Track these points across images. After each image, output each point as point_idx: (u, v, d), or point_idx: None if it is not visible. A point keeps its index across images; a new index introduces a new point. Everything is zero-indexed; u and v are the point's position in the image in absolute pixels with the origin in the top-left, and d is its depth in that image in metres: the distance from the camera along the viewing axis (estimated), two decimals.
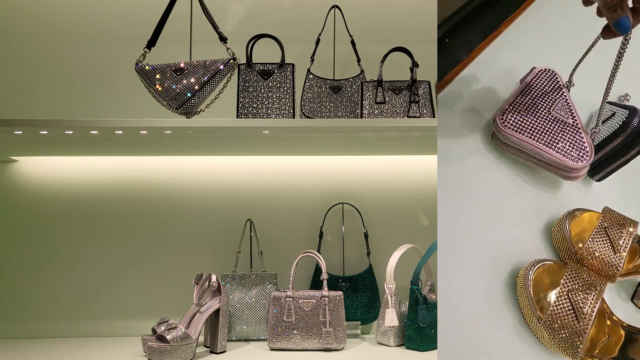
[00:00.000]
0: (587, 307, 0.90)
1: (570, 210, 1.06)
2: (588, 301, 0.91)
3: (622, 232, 1.02)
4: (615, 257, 1.00)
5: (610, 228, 1.03)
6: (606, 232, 1.02)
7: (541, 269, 0.97)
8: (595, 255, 1.00)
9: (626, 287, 1.08)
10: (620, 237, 1.01)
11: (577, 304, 0.91)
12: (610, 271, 0.99)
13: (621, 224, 1.03)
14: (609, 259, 1.00)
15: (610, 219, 1.04)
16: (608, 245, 1.01)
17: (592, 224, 1.04)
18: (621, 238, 1.01)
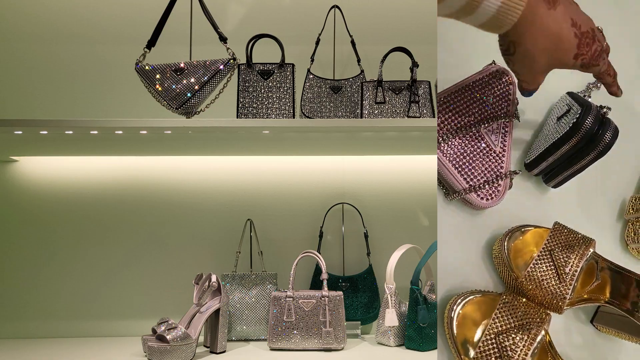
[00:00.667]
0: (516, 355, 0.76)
1: (513, 228, 0.90)
2: (518, 347, 0.77)
3: (571, 256, 0.85)
4: (561, 287, 0.83)
5: (557, 251, 0.86)
6: (551, 256, 0.86)
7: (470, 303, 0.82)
8: (539, 284, 0.84)
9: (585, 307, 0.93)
10: (567, 262, 0.84)
11: (505, 350, 0.77)
12: (555, 302, 0.84)
13: (570, 246, 0.86)
14: (554, 289, 0.84)
15: (558, 238, 0.88)
16: (552, 272, 0.85)
17: (538, 245, 0.88)
18: (568, 264, 0.84)
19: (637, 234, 0.98)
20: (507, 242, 0.87)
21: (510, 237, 0.89)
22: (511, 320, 0.80)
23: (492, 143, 0.89)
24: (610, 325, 0.91)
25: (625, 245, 1.00)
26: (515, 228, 0.90)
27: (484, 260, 0.90)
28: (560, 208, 0.97)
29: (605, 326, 0.91)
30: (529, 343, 0.77)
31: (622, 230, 1.00)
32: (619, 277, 0.86)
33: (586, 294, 0.87)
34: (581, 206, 1.00)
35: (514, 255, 0.87)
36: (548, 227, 0.90)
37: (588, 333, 0.93)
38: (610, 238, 0.99)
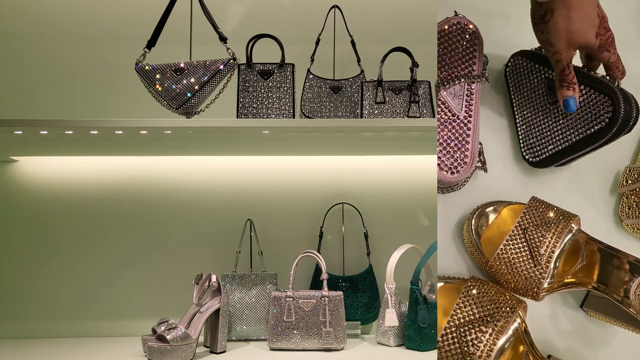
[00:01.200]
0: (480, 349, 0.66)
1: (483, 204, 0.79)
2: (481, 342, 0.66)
3: (546, 235, 0.74)
4: (536, 271, 0.73)
5: (531, 229, 0.75)
6: (524, 235, 0.75)
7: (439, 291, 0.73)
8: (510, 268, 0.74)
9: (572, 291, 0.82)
10: (542, 242, 0.73)
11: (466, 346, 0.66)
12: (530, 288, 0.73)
13: (547, 223, 0.75)
14: (527, 273, 0.73)
15: (534, 214, 0.76)
16: (526, 253, 0.74)
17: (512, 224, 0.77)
18: (543, 244, 0.73)
19: (632, 208, 0.87)
20: (475, 220, 0.77)
21: (480, 214, 0.78)
22: (475, 310, 0.69)
23: (454, 108, 0.78)
24: (602, 310, 0.80)
25: (619, 221, 0.90)
26: (485, 204, 0.80)
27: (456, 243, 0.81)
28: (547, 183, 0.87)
29: (596, 311, 0.81)
30: (494, 337, 0.67)
31: (616, 205, 0.90)
32: (608, 258, 0.75)
33: (570, 277, 0.76)
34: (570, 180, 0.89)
35: (486, 236, 0.77)
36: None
37: (578, 318, 0.83)
38: (603, 214, 0.90)
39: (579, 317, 0.84)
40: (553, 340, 0.80)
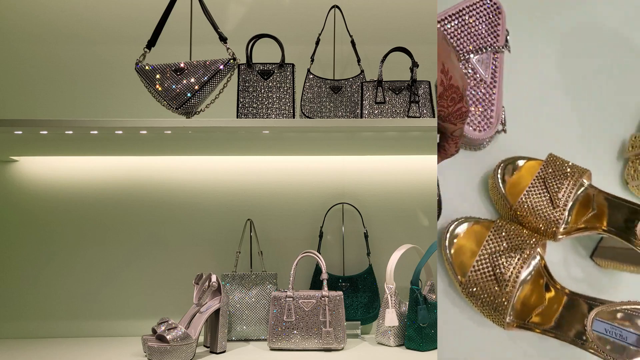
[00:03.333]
0: (509, 272, 0.79)
1: (506, 159, 0.91)
2: (511, 265, 0.79)
3: (564, 183, 0.86)
4: (555, 212, 0.85)
5: (550, 179, 0.87)
6: (544, 184, 0.87)
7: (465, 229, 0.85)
8: (532, 211, 0.86)
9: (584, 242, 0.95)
10: (560, 189, 0.86)
11: (498, 269, 0.79)
12: (549, 229, 0.85)
13: (564, 174, 0.87)
14: (547, 215, 0.85)
15: (552, 167, 0.88)
16: (546, 198, 0.86)
17: (532, 175, 0.89)
18: (561, 190, 0.85)
19: (637, 171, 0.98)
20: (500, 172, 0.89)
21: (504, 167, 0.90)
22: (504, 242, 0.82)
23: (482, 74, 0.89)
24: (611, 258, 0.91)
25: (625, 184, 1.00)
26: (508, 160, 0.91)
27: (481, 195, 0.92)
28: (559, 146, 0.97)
29: (605, 260, 0.92)
30: (521, 262, 0.79)
31: (623, 170, 1.01)
32: (615, 206, 0.87)
33: (582, 224, 0.87)
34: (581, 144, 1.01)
35: (509, 185, 0.88)
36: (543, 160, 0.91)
37: (587, 267, 0.94)
38: (610, 177, 1.00)
39: (588, 266, 0.94)
40: (566, 285, 0.88)
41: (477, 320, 0.92)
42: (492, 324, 0.88)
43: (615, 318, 0.77)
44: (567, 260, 0.92)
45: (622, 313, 0.77)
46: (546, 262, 0.84)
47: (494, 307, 0.80)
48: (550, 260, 0.89)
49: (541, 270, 0.84)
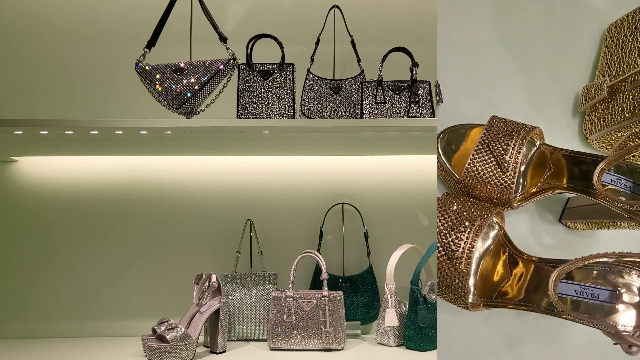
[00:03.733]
0: (460, 248, 0.72)
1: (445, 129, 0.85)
2: (462, 240, 0.72)
3: (509, 143, 0.79)
4: (505, 177, 0.78)
5: (494, 142, 0.80)
6: (489, 148, 0.80)
7: None
8: (480, 179, 0.79)
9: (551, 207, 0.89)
10: (506, 150, 0.79)
11: (448, 246, 0.73)
12: (502, 195, 0.78)
13: (508, 135, 0.80)
14: (497, 181, 0.78)
15: (496, 130, 0.81)
16: (493, 163, 0.79)
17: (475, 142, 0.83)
18: (508, 152, 0.78)
19: (594, 123, 0.93)
20: (441, 145, 0.83)
21: (444, 138, 0.83)
22: (453, 217, 0.75)
23: None
24: (580, 217, 0.86)
25: (585, 139, 0.95)
26: (447, 129, 0.85)
27: None
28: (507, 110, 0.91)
29: (575, 221, 0.87)
30: (473, 235, 0.72)
31: (580, 125, 0.96)
32: (573, 161, 0.82)
33: (541, 185, 0.81)
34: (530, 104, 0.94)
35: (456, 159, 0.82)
36: None
37: (558, 232, 0.88)
38: (568, 134, 0.95)
39: (558, 231, 0.88)
40: (537, 254, 0.83)
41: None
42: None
43: (587, 277, 0.71)
44: (536, 228, 0.87)
45: (588, 270, 0.71)
46: (506, 231, 0.78)
47: (452, 289, 0.74)
48: (518, 231, 0.84)
49: (502, 241, 0.77)
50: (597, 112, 0.93)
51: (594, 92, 0.93)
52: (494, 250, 0.77)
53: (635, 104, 0.86)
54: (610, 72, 0.96)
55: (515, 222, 0.83)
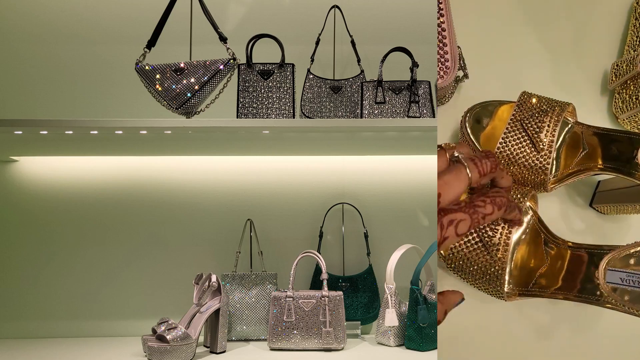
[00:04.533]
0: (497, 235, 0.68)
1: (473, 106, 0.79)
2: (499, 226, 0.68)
3: (544, 120, 0.73)
4: (540, 158, 0.73)
5: (528, 119, 0.74)
6: (522, 126, 0.74)
7: None
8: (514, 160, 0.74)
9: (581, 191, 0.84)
10: (541, 128, 0.73)
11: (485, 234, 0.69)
12: (537, 177, 0.74)
13: (543, 111, 0.74)
14: (532, 162, 0.73)
15: (527, 106, 0.76)
16: (527, 143, 0.74)
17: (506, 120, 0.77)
18: (543, 129, 0.73)
19: (625, 102, 0.87)
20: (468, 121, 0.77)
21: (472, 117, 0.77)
22: None
23: None
24: (612, 200, 0.81)
25: (614, 119, 0.90)
26: (475, 107, 0.79)
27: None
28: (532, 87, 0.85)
29: (606, 205, 0.82)
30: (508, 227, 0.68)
31: (609, 103, 0.91)
32: (608, 139, 0.76)
33: (575, 167, 0.76)
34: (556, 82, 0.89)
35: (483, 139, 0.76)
36: None
37: (589, 217, 0.84)
38: (596, 113, 0.90)
39: (589, 215, 0.84)
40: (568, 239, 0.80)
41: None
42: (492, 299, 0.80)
43: (629, 264, 0.67)
44: (566, 213, 0.83)
45: (635, 257, 0.67)
46: (540, 216, 0.74)
47: (488, 278, 0.70)
48: (547, 216, 0.80)
49: (536, 226, 0.73)
50: (629, 89, 0.87)
51: (625, 67, 0.87)
52: (529, 237, 0.72)
53: None
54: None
55: (546, 206, 0.80)
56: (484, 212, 0.58)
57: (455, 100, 0.85)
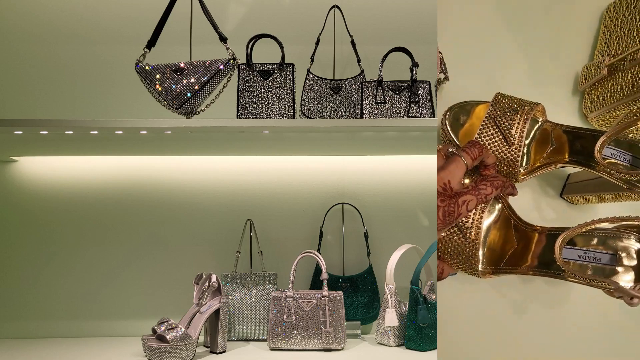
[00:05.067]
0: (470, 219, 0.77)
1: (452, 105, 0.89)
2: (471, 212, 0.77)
3: (515, 118, 0.83)
4: (511, 151, 0.82)
5: (500, 117, 0.84)
6: (495, 123, 0.84)
7: None
8: None
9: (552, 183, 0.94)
10: (512, 125, 0.82)
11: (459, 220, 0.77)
12: (508, 168, 0.83)
13: (513, 110, 0.84)
14: (504, 154, 0.83)
15: (501, 105, 0.85)
16: (499, 138, 0.83)
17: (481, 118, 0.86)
18: (514, 126, 0.82)
19: (593, 102, 0.96)
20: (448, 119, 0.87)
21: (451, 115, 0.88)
22: None
23: None
24: (580, 192, 0.91)
25: (584, 118, 0.99)
26: (454, 106, 0.89)
27: None
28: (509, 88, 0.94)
29: (575, 195, 0.92)
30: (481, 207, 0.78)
31: (580, 103, 1.00)
32: (574, 136, 0.86)
33: (544, 160, 0.86)
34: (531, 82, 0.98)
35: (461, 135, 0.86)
36: None
37: (559, 206, 0.93)
38: (568, 112, 0.99)
39: (560, 205, 0.94)
40: None
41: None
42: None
43: (588, 244, 0.78)
44: (539, 203, 0.92)
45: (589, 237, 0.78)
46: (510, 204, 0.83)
47: (463, 258, 0.78)
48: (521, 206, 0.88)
49: (507, 212, 0.82)
50: (597, 90, 0.96)
51: (593, 71, 0.96)
52: (500, 222, 0.82)
53: (634, 82, 0.88)
54: (610, 51, 0.98)
55: (519, 197, 0.88)
56: (486, 192, 0.75)
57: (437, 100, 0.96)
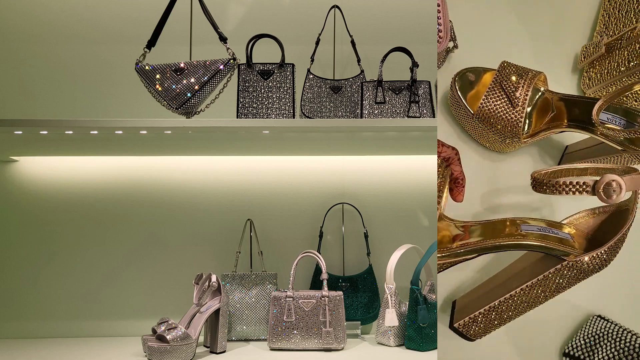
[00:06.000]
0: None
1: (461, 70, 0.95)
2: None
3: (519, 82, 0.90)
4: (515, 112, 0.89)
5: (506, 81, 0.91)
6: (501, 86, 0.91)
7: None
8: (493, 113, 0.89)
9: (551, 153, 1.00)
10: (517, 88, 0.89)
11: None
12: (511, 130, 0.89)
13: (519, 74, 0.91)
14: (508, 115, 0.89)
15: (507, 72, 0.92)
16: (504, 100, 0.89)
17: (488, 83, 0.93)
18: (518, 89, 0.89)
19: (591, 79, 1.04)
20: (457, 82, 0.93)
21: (460, 79, 0.94)
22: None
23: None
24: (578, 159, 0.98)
25: (583, 94, 1.05)
26: (463, 70, 0.94)
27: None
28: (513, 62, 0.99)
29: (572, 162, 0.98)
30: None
31: (579, 81, 1.07)
32: (572, 103, 0.93)
33: (545, 125, 0.93)
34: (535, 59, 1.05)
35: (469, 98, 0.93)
36: None
37: None
38: (568, 89, 1.06)
39: None
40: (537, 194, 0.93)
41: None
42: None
43: None
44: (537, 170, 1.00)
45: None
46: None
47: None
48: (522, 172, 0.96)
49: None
50: (595, 68, 1.04)
51: (592, 49, 1.04)
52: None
53: (630, 58, 0.97)
54: (608, 32, 1.07)
55: (519, 164, 0.95)
56: None
57: (445, 67, 1.02)
